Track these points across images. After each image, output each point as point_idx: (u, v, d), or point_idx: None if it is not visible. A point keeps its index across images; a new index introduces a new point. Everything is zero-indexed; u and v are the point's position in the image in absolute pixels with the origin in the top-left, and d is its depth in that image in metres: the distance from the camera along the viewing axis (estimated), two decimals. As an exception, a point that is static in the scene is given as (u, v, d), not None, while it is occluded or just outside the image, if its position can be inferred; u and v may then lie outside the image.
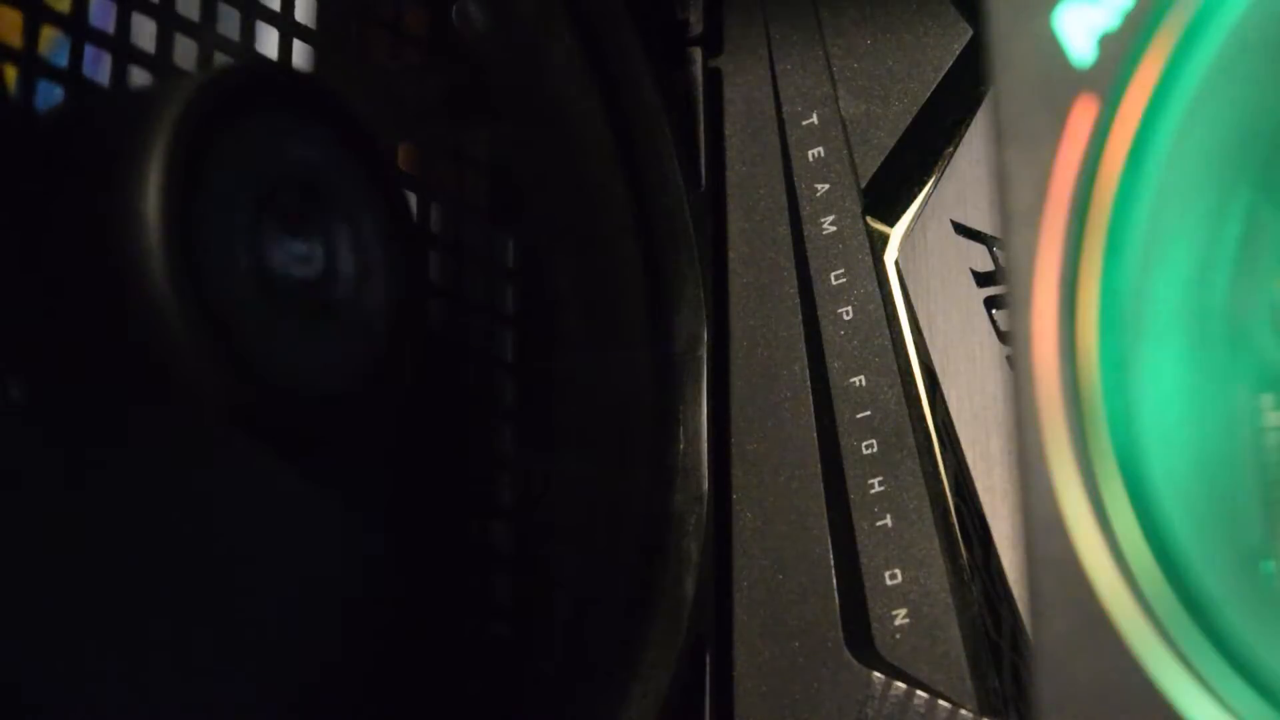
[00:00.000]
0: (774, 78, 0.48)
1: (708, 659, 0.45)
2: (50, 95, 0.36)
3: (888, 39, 0.47)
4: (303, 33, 0.42)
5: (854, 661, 0.43)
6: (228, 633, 0.36)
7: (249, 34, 0.40)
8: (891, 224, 0.47)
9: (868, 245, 0.46)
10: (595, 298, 0.48)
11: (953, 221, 0.46)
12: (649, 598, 0.45)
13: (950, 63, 0.46)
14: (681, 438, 0.46)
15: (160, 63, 0.38)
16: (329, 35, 0.43)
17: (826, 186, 0.47)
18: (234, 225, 0.36)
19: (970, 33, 0.46)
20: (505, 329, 0.47)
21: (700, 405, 0.46)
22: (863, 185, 0.47)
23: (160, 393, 0.35)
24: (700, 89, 0.49)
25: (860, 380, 0.46)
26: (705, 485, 0.46)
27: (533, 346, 0.47)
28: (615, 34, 0.48)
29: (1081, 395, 0.29)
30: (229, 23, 0.40)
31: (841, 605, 0.44)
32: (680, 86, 0.49)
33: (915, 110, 0.46)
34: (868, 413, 0.45)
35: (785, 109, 0.48)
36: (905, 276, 0.46)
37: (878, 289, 0.46)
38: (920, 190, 0.47)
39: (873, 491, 0.45)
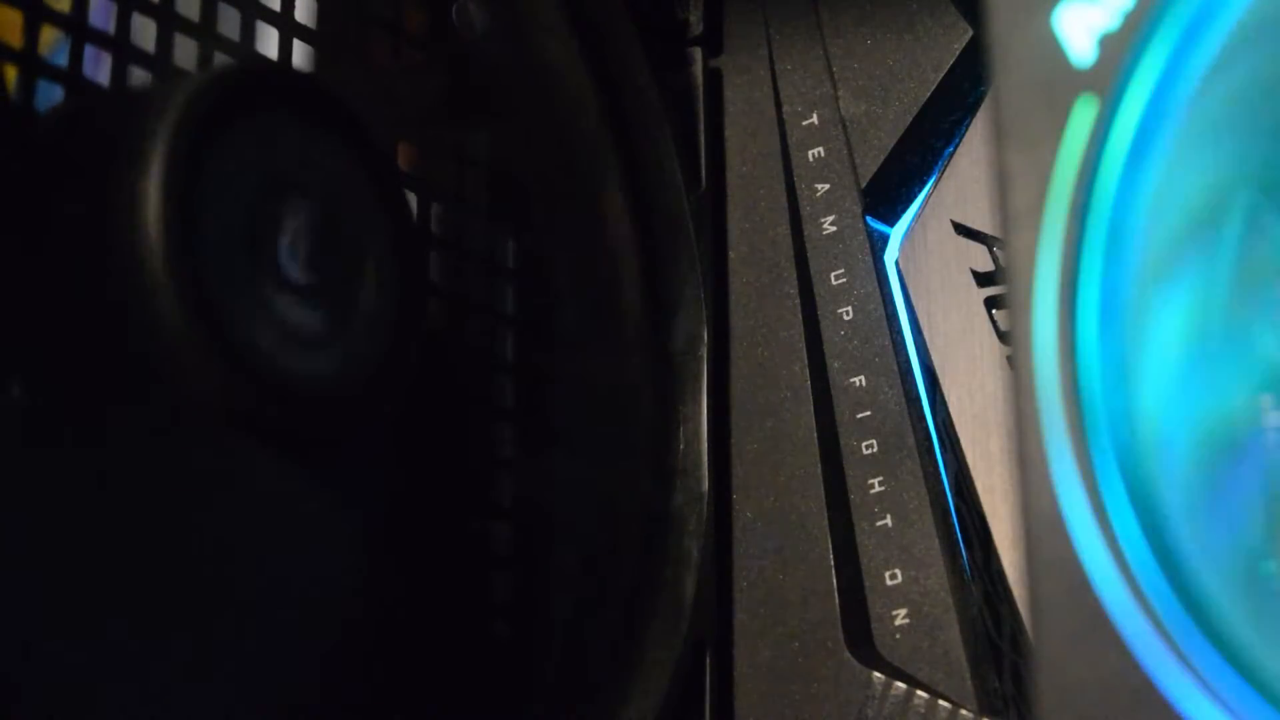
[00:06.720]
0: (774, 78, 0.48)
1: (708, 659, 0.45)
2: (50, 95, 0.36)
3: (888, 39, 0.47)
4: (303, 33, 0.42)
5: (854, 661, 0.43)
6: (227, 633, 0.36)
7: (249, 34, 0.40)
8: (891, 224, 0.47)
9: (868, 245, 0.46)
10: (595, 298, 0.47)
11: (953, 221, 0.46)
12: (649, 598, 0.45)
13: (950, 63, 0.46)
14: (681, 438, 0.46)
15: (160, 63, 0.38)
16: (329, 35, 0.43)
17: (826, 186, 0.47)
18: (234, 225, 0.36)
19: (970, 33, 0.46)
20: (505, 329, 0.47)
21: (700, 405, 0.46)
22: (863, 185, 0.47)
23: (161, 392, 0.35)
24: (700, 89, 0.49)
25: (860, 380, 0.46)
26: (705, 485, 0.46)
27: (533, 346, 0.47)
28: (615, 34, 0.48)
29: (1081, 395, 0.29)
30: (229, 23, 0.40)
31: (841, 605, 0.44)
32: (680, 86, 0.49)
33: (915, 110, 0.46)
34: (868, 413, 0.45)
35: (785, 109, 0.48)
36: (905, 276, 0.46)
37: (878, 289, 0.46)
38: (920, 190, 0.47)
39: (873, 491, 0.45)
